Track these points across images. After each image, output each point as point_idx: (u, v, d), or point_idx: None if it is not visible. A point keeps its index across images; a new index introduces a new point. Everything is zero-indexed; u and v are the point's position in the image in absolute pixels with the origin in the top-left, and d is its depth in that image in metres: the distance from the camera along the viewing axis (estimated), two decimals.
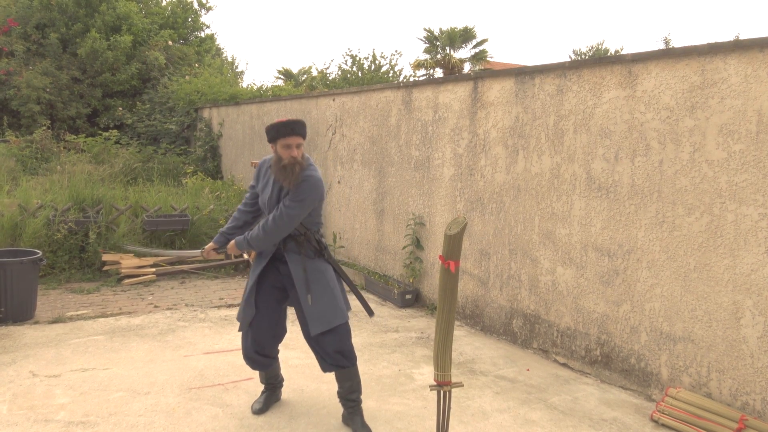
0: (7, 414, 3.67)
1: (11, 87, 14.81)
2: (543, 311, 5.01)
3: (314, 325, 3.52)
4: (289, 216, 3.45)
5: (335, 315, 3.56)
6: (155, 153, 13.03)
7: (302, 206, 3.46)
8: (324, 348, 3.58)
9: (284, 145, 3.44)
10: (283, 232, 3.48)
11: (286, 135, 3.44)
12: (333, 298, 3.57)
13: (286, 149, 3.44)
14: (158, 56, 16.33)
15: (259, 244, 3.54)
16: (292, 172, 3.43)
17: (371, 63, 18.88)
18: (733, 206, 3.70)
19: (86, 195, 7.79)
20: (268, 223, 3.48)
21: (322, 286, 3.57)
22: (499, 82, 5.37)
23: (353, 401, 3.68)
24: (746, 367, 3.67)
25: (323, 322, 3.52)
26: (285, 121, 3.47)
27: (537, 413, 3.94)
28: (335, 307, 3.57)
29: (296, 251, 3.58)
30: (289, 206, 3.44)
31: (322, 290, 3.56)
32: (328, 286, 3.58)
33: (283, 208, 3.45)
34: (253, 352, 3.67)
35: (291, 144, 3.44)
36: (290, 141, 3.45)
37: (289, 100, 9.45)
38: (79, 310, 5.84)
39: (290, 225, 3.46)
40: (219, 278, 7.39)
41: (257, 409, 3.79)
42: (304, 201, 3.46)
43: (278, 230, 3.47)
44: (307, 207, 3.48)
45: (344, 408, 3.74)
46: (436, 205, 6.19)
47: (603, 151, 4.47)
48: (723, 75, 3.74)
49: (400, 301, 6.35)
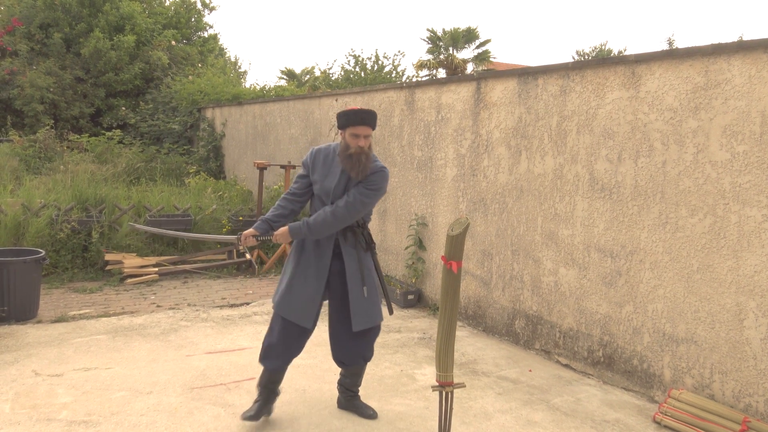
0: (10, 413, 3.68)
1: (15, 86, 14.84)
2: (545, 312, 5.00)
3: (358, 321, 3.53)
4: (363, 204, 3.43)
5: (378, 313, 3.64)
6: (158, 153, 13.05)
7: (376, 196, 3.47)
8: (353, 346, 3.64)
9: (353, 134, 3.43)
10: (352, 219, 3.44)
11: (356, 123, 3.43)
12: (377, 297, 3.63)
13: (354, 138, 3.43)
14: (161, 56, 16.35)
15: (322, 230, 3.43)
16: (358, 161, 3.42)
17: (374, 63, 18.89)
18: (737, 207, 3.69)
19: (89, 194, 7.80)
20: (339, 209, 3.40)
21: (372, 282, 3.60)
22: (502, 82, 5.37)
23: (353, 392, 3.82)
24: (749, 369, 3.66)
25: (367, 319, 3.56)
26: (356, 110, 3.46)
27: (539, 414, 3.93)
28: (379, 306, 3.65)
29: (353, 244, 3.55)
30: (365, 194, 3.42)
31: (372, 287, 3.58)
32: (374, 284, 3.61)
33: (358, 195, 3.42)
34: (290, 354, 3.57)
35: (360, 134, 3.43)
36: (359, 131, 3.43)
37: (292, 100, 9.45)
38: (81, 310, 5.84)
39: (360, 213, 3.46)
40: (221, 278, 7.39)
41: (250, 416, 3.56)
42: (379, 191, 3.47)
43: (349, 217, 3.42)
44: (379, 197, 3.51)
45: (342, 395, 3.86)
46: (438, 206, 6.19)
47: (606, 151, 4.47)
48: (727, 76, 3.73)
49: (402, 301, 6.35)
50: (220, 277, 7.45)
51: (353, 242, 3.56)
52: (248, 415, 3.57)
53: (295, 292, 3.52)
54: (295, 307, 3.50)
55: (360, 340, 3.64)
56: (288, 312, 3.51)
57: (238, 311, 6.01)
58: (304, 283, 3.52)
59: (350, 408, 3.83)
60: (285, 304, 3.53)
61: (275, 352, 3.55)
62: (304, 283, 3.52)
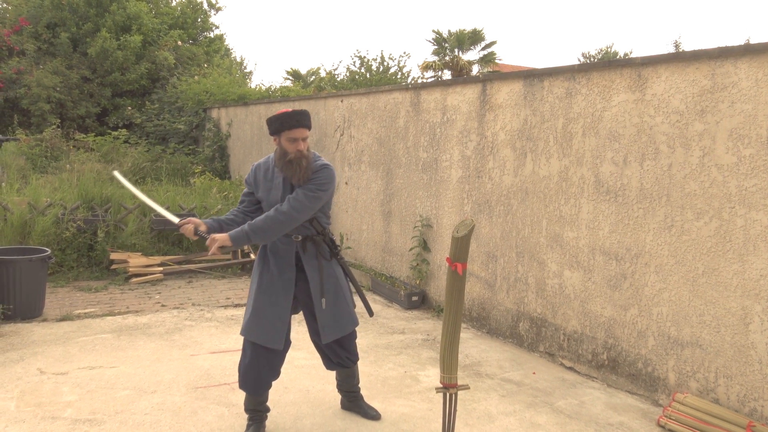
0: (15, 411, 3.70)
1: (22, 86, 14.91)
2: (550, 314, 5.00)
3: (327, 333, 3.45)
4: (308, 203, 3.20)
5: (348, 321, 3.55)
6: (164, 152, 13.09)
7: (323, 194, 3.26)
8: (333, 350, 3.58)
9: (289, 138, 3.23)
10: (296, 221, 3.21)
11: (291, 127, 3.22)
12: (346, 305, 3.53)
13: (292, 143, 3.23)
14: (168, 56, 16.39)
15: (265, 234, 3.19)
16: (299, 166, 3.23)
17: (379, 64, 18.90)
18: (743, 211, 3.67)
19: (95, 194, 7.83)
20: (282, 211, 3.17)
21: (336, 292, 3.48)
22: (508, 84, 5.37)
23: (354, 392, 3.81)
24: (754, 373, 3.64)
25: (336, 330, 3.48)
26: (289, 112, 3.25)
27: (543, 417, 3.93)
28: (349, 314, 3.55)
29: (314, 254, 3.40)
30: (310, 193, 3.20)
31: (336, 296, 3.47)
32: (341, 292, 3.50)
33: (301, 194, 3.19)
34: (268, 376, 3.40)
35: (297, 137, 3.23)
36: (296, 134, 3.23)
37: (297, 100, 9.46)
38: (86, 308, 5.86)
39: (305, 214, 3.22)
40: (226, 278, 7.41)
41: None
42: (325, 189, 3.26)
43: (293, 219, 3.18)
44: (326, 196, 3.30)
45: (345, 398, 3.85)
46: (443, 207, 6.19)
47: (612, 154, 4.46)
48: (733, 79, 3.72)
49: (406, 302, 6.35)
50: (225, 276, 7.46)
51: (314, 252, 3.40)
52: None
53: (260, 314, 3.34)
54: (262, 330, 3.33)
55: (338, 346, 3.56)
56: (255, 336, 3.33)
57: (242, 311, 6.02)
58: (270, 303, 3.35)
59: (354, 409, 3.83)
60: (252, 327, 3.34)
61: (251, 377, 3.38)
62: (269, 304, 3.35)
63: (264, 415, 3.54)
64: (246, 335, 3.38)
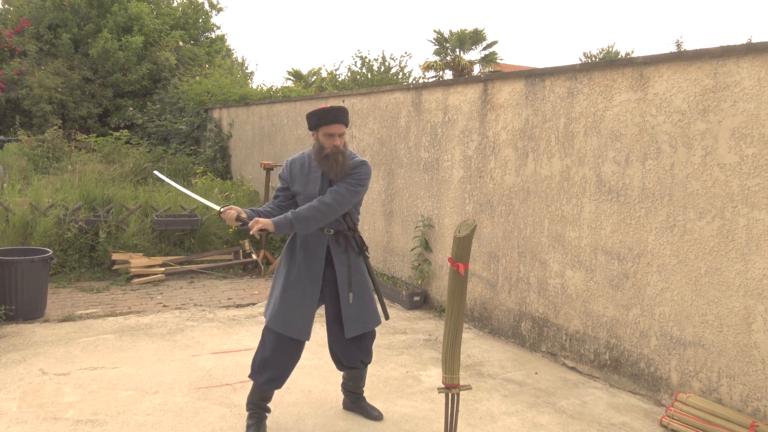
0: (17, 411, 3.70)
1: (23, 87, 14.93)
2: (552, 314, 4.99)
3: (351, 327, 3.45)
4: (350, 196, 3.28)
5: (373, 318, 3.56)
6: (165, 153, 13.09)
7: (362, 189, 3.33)
8: (347, 351, 3.56)
9: (326, 133, 3.29)
10: (338, 212, 3.27)
11: (328, 122, 3.28)
12: (372, 301, 3.55)
13: (329, 138, 3.29)
14: (169, 57, 16.41)
15: (309, 222, 3.24)
16: (335, 162, 3.28)
17: (381, 64, 18.91)
18: (745, 210, 3.67)
19: (97, 194, 7.84)
20: (326, 201, 3.23)
21: (363, 287, 3.50)
22: (509, 84, 5.36)
23: (358, 393, 3.81)
24: (757, 373, 3.63)
25: (360, 325, 3.49)
26: (328, 108, 3.30)
27: (545, 417, 3.92)
28: (374, 310, 3.56)
29: (344, 248, 3.44)
30: (351, 187, 3.27)
31: (362, 292, 3.49)
32: (368, 289, 3.53)
33: (344, 186, 3.27)
34: (290, 367, 3.42)
35: (333, 132, 3.29)
36: (332, 129, 3.29)
37: (298, 101, 9.46)
38: (88, 309, 5.87)
39: (347, 206, 3.29)
40: (228, 278, 7.40)
41: None
42: (364, 184, 3.34)
43: (336, 209, 3.25)
44: (363, 192, 3.37)
45: (347, 398, 3.85)
46: (444, 207, 6.18)
47: (614, 154, 4.45)
48: (736, 78, 3.71)
49: (408, 302, 6.34)
50: (227, 277, 7.46)
51: (344, 247, 3.45)
52: None
53: (288, 305, 3.37)
54: (289, 321, 3.36)
55: (355, 344, 3.57)
56: (283, 327, 3.35)
57: (244, 311, 6.02)
58: (297, 295, 3.38)
59: (356, 409, 3.83)
60: (279, 318, 3.37)
61: (271, 367, 3.38)
62: (297, 296, 3.38)
63: (264, 415, 3.53)
64: (272, 325, 3.39)
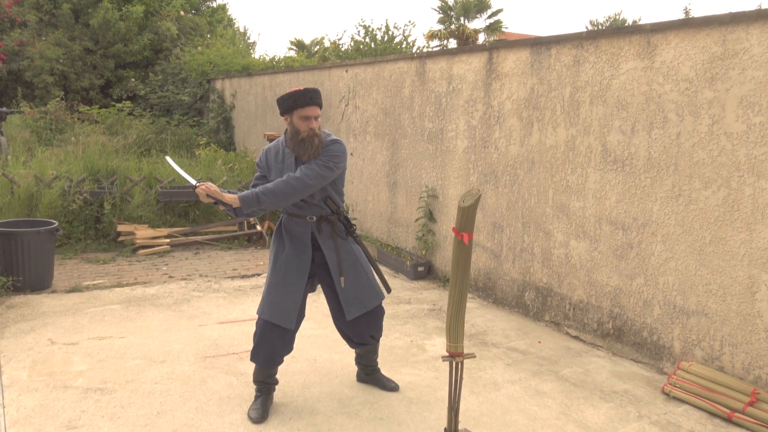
0: (27, 380, 3.76)
1: (24, 58, 14.82)
2: (555, 284, 5.01)
3: (351, 310, 3.45)
4: (320, 175, 3.19)
5: (372, 296, 3.52)
6: (168, 124, 13.04)
7: (335, 167, 3.26)
8: (357, 330, 3.55)
9: (302, 116, 3.22)
10: (308, 188, 3.20)
11: (304, 105, 3.22)
12: (368, 280, 3.52)
13: (304, 120, 3.23)
14: (170, 27, 16.24)
15: (274, 200, 3.21)
16: (311, 145, 3.23)
17: (384, 34, 18.68)
18: (752, 180, 3.64)
19: (100, 166, 7.84)
20: (292, 178, 3.16)
21: (356, 268, 3.46)
22: (515, 52, 5.29)
23: (372, 366, 3.81)
24: (760, 342, 3.66)
25: (360, 305, 3.47)
26: (302, 90, 3.23)
27: (548, 385, 3.96)
28: (372, 288, 3.53)
29: (329, 233, 3.40)
30: (323, 164, 3.21)
31: (356, 273, 3.45)
32: (362, 268, 3.49)
33: (314, 165, 3.19)
34: (281, 352, 3.42)
35: (309, 115, 3.23)
36: (308, 112, 3.23)
37: (301, 71, 9.38)
38: (95, 280, 5.91)
39: (318, 182, 3.22)
40: (232, 249, 7.44)
41: (258, 417, 3.37)
42: (337, 161, 3.26)
43: (305, 185, 3.18)
44: (338, 169, 3.30)
45: (362, 371, 3.86)
46: (449, 178, 6.17)
47: (619, 123, 4.41)
48: (745, 45, 3.66)
49: (412, 273, 6.37)
50: (231, 248, 7.49)
51: (329, 232, 3.40)
52: (258, 414, 3.38)
53: (274, 294, 3.37)
54: (275, 310, 3.36)
55: (365, 321, 3.55)
56: (269, 315, 3.36)
57: (249, 282, 6.06)
58: (283, 284, 3.37)
59: (372, 381, 3.83)
60: (265, 306, 3.39)
61: (264, 352, 3.40)
62: (283, 284, 3.37)
63: (272, 387, 3.56)
64: (260, 314, 3.41)
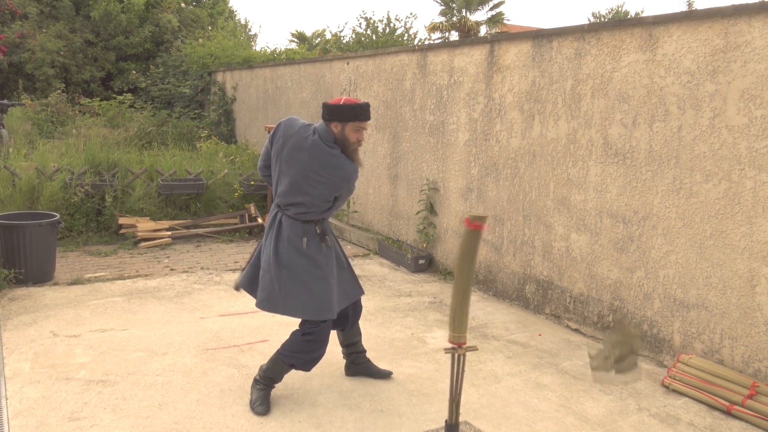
0: (30, 372, 3.77)
1: (26, 50, 14.80)
2: (556, 277, 5.01)
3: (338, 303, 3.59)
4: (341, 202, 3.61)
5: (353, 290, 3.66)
6: (169, 117, 13.03)
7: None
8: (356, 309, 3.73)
9: (357, 128, 3.37)
10: None
11: (363, 119, 3.37)
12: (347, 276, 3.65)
13: (357, 132, 3.38)
14: (171, 19, 16.20)
15: None
16: (356, 154, 3.45)
17: (386, 26, 18.64)
18: (753, 173, 3.64)
19: (102, 159, 7.84)
20: None
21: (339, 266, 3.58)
22: (516, 45, 5.28)
23: (359, 350, 3.85)
24: (760, 335, 3.66)
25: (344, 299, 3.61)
26: (363, 105, 3.35)
27: (548, 377, 3.98)
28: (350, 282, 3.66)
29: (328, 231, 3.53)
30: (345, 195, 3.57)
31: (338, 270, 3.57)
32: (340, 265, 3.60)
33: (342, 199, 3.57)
34: None
35: (363, 128, 3.41)
36: (364, 125, 3.41)
37: (302, 63, 9.36)
38: (97, 273, 5.93)
39: None
40: (234, 242, 7.45)
41: (265, 410, 3.40)
42: None
43: None
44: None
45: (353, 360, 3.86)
46: (450, 171, 6.16)
47: (621, 116, 4.41)
48: (747, 38, 3.64)
49: (413, 265, 6.38)
50: (233, 241, 7.50)
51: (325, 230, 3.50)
52: (265, 408, 3.41)
53: (322, 292, 3.43)
54: (328, 306, 3.44)
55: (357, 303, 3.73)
56: (330, 314, 3.46)
57: None
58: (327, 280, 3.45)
59: (365, 373, 3.85)
60: (323, 308, 3.44)
61: (321, 354, 3.51)
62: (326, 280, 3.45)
63: (273, 386, 3.58)
64: (317, 317, 3.44)
